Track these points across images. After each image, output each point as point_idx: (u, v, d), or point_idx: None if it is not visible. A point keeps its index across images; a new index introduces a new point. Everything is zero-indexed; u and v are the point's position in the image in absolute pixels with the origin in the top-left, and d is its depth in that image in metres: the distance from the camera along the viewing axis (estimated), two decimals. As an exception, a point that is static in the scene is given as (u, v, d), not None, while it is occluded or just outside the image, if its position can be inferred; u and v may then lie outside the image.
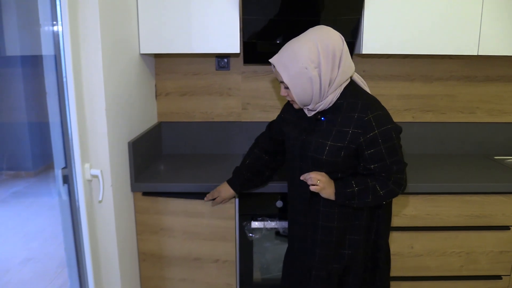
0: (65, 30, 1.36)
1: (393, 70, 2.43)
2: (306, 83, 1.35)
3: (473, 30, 2.04)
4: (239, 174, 1.81)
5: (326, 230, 1.49)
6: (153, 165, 2.24)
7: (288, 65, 1.35)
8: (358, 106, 1.38)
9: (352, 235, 1.51)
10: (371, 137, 1.36)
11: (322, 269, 1.53)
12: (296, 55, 1.34)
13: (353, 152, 1.40)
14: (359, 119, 1.36)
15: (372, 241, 1.54)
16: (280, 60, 1.38)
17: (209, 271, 2.05)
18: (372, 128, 1.35)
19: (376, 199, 1.43)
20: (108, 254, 1.74)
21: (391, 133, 1.37)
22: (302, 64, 1.33)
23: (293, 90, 1.37)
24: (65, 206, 1.57)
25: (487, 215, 1.99)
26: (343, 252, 1.52)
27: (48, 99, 1.51)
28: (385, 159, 1.38)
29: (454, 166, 2.25)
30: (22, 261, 3.23)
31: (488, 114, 2.50)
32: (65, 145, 1.50)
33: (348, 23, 2.03)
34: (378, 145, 1.36)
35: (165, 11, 1.99)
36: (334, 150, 1.39)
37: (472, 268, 2.07)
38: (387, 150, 1.37)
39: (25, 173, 5.68)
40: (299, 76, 1.34)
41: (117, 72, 1.75)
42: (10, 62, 5.15)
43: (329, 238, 1.50)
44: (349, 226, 1.50)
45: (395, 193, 1.45)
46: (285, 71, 1.36)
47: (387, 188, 1.42)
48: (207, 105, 2.47)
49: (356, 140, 1.37)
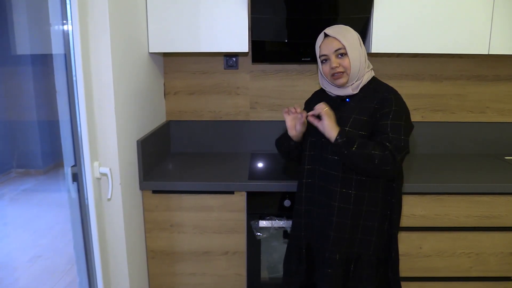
0: (75, 29, 1.36)
1: (402, 69, 2.41)
2: (359, 53, 1.52)
3: (483, 29, 2.02)
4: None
5: (342, 212, 1.52)
6: (161, 163, 2.25)
7: (346, 34, 1.51)
8: (383, 88, 1.54)
9: (367, 221, 1.54)
10: (386, 111, 1.48)
11: (335, 252, 1.55)
12: (348, 29, 1.54)
13: (372, 126, 1.50)
14: (383, 98, 1.51)
15: (385, 231, 1.57)
16: (337, 30, 1.53)
17: (218, 263, 2.07)
18: (391, 105, 1.48)
19: (369, 158, 1.42)
20: (117, 251, 1.75)
21: (402, 115, 1.49)
22: (356, 35, 1.54)
23: (351, 56, 1.50)
24: (74, 204, 1.58)
25: (496, 216, 1.97)
26: (356, 237, 1.55)
27: (58, 98, 1.52)
28: (388, 133, 1.46)
29: (464, 166, 2.23)
30: (32, 258, 3.26)
31: (498, 113, 2.47)
32: (74, 143, 1.51)
33: (357, 22, 2.02)
34: (387, 119, 1.47)
35: (173, 10, 1.99)
36: (356, 122, 1.50)
37: (481, 269, 2.05)
38: (392, 127, 1.46)
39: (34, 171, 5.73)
40: (355, 44, 1.52)
41: (126, 71, 1.76)
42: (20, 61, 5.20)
43: (344, 221, 1.53)
44: (364, 211, 1.53)
45: (385, 162, 1.42)
46: (345, 38, 1.50)
47: (383, 153, 1.42)
48: (216, 104, 2.47)
49: (375, 113, 1.50)
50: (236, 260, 2.06)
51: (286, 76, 2.43)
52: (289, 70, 2.42)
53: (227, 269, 2.08)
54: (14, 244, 3.58)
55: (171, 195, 1.97)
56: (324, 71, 1.56)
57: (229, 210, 1.98)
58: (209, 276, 2.09)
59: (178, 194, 1.97)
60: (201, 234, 2.03)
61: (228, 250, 2.05)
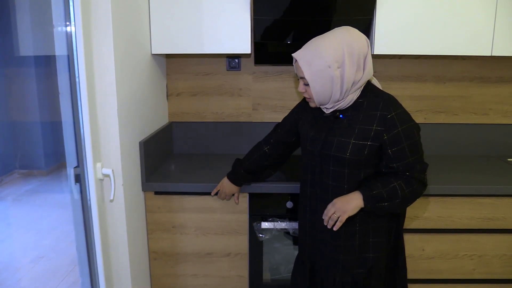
0: (78, 30, 1.37)
1: (405, 70, 2.41)
2: (327, 82, 1.34)
3: (486, 31, 2.01)
4: (238, 171, 1.83)
5: (348, 235, 1.47)
6: (164, 164, 2.25)
7: (311, 62, 1.34)
8: (380, 104, 1.38)
9: (375, 237, 1.48)
10: (394, 134, 1.36)
11: (347, 275, 1.50)
12: (320, 52, 1.33)
13: (376, 150, 1.39)
14: (382, 117, 1.37)
15: (392, 242, 1.53)
16: (304, 55, 1.37)
17: (221, 265, 2.07)
18: (396, 126, 1.36)
19: (404, 201, 1.40)
20: (119, 252, 1.75)
21: (413, 131, 1.38)
22: (326, 63, 1.32)
23: (312, 88, 1.36)
24: (76, 205, 1.59)
25: (500, 218, 1.96)
26: (367, 256, 1.49)
27: (61, 99, 1.52)
28: (408, 157, 1.37)
29: (467, 168, 2.22)
30: (34, 259, 3.27)
31: (501, 115, 2.47)
32: (77, 144, 1.51)
33: (360, 24, 2.01)
34: (401, 142, 1.36)
35: (176, 12, 2.00)
36: (357, 148, 1.38)
37: (484, 271, 2.04)
38: (410, 148, 1.37)
39: (37, 172, 5.75)
40: (321, 74, 1.34)
41: (129, 72, 1.76)
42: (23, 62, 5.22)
43: (351, 243, 1.47)
44: (371, 228, 1.47)
45: (419, 193, 1.42)
46: (308, 67, 1.35)
47: (412, 187, 1.39)
48: (218, 105, 2.47)
49: (380, 137, 1.37)
50: (238, 262, 2.06)
51: (289, 77, 2.43)
52: (292, 71, 2.42)
53: (229, 271, 2.08)
54: (17, 245, 3.60)
55: (174, 196, 1.97)
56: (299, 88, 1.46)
57: (232, 211, 1.98)
58: (211, 278, 2.09)
59: (180, 195, 1.97)
60: (203, 236, 2.03)
61: (230, 252, 2.05)
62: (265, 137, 1.82)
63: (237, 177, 1.83)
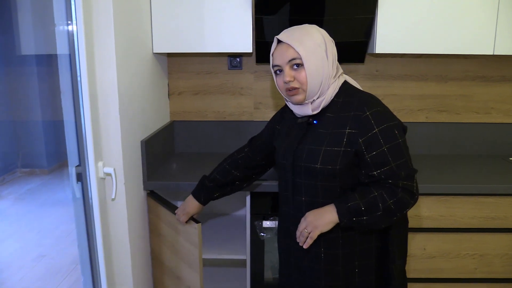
0: (80, 29, 1.37)
1: (406, 69, 2.41)
2: (319, 61, 1.23)
3: (488, 29, 2.01)
4: (203, 184, 1.62)
5: (330, 258, 1.30)
6: (165, 163, 2.25)
7: (303, 40, 1.23)
8: (354, 104, 1.24)
9: (362, 260, 1.31)
10: (370, 136, 1.19)
11: None
12: (309, 32, 1.25)
13: (352, 157, 1.23)
14: (355, 118, 1.22)
15: (385, 266, 1.33)
16: (291, 35, 1.25)
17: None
18: (371, 127, 1.20)
19: (387, 213, 1.20)
20: (121, 251, 1.76)
21: (393, 131, 1.21)
22: (316, 41, 1.23)
23: (307, 68, 1.22)
24: (78, 204, 1.59)
25: (501, 217, 1.96)
26: (353, 280, 1.32)
27: (62, 98, 1.52)
28: (390, 163, 1.19)
29: (469, 167, 2.22)
30: (36, 258, 3.27)
31: (504, 114, 2.46)
32: (79, 143, 1.51)
33: (361, 23, 2.01)
34: (379, 146, 1.19)
35: (178, 11, 2.00)
36: (329, 156, 1.23)
37: (486, 270, 2.04)
38: (391, 151, 1.19)
39: (39, 171, 5.78)
40: (314, 51, 1.22)
41: (131, 71, 1.77)
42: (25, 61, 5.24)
43: (334, 268, 1.30)
44: (357, 251, 1.30)
45: (405, 203, 1.21)
46: (301, 45, 1.22)
47: (396, 197, 1.19)
48: (220, 104, 2.47)
49: (354, 141, 1.21)
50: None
51: (290, 76, 2.43)
52: (293, 70, 2.42)
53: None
54: (19, 244, 3.60)
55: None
56: (279, 84, 1.30)
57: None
58: (212, 277, 2.09)
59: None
60: (204, 234, 2.03)
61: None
62: (238, 148, 1.69)
63: (201, 191, 1.61)
